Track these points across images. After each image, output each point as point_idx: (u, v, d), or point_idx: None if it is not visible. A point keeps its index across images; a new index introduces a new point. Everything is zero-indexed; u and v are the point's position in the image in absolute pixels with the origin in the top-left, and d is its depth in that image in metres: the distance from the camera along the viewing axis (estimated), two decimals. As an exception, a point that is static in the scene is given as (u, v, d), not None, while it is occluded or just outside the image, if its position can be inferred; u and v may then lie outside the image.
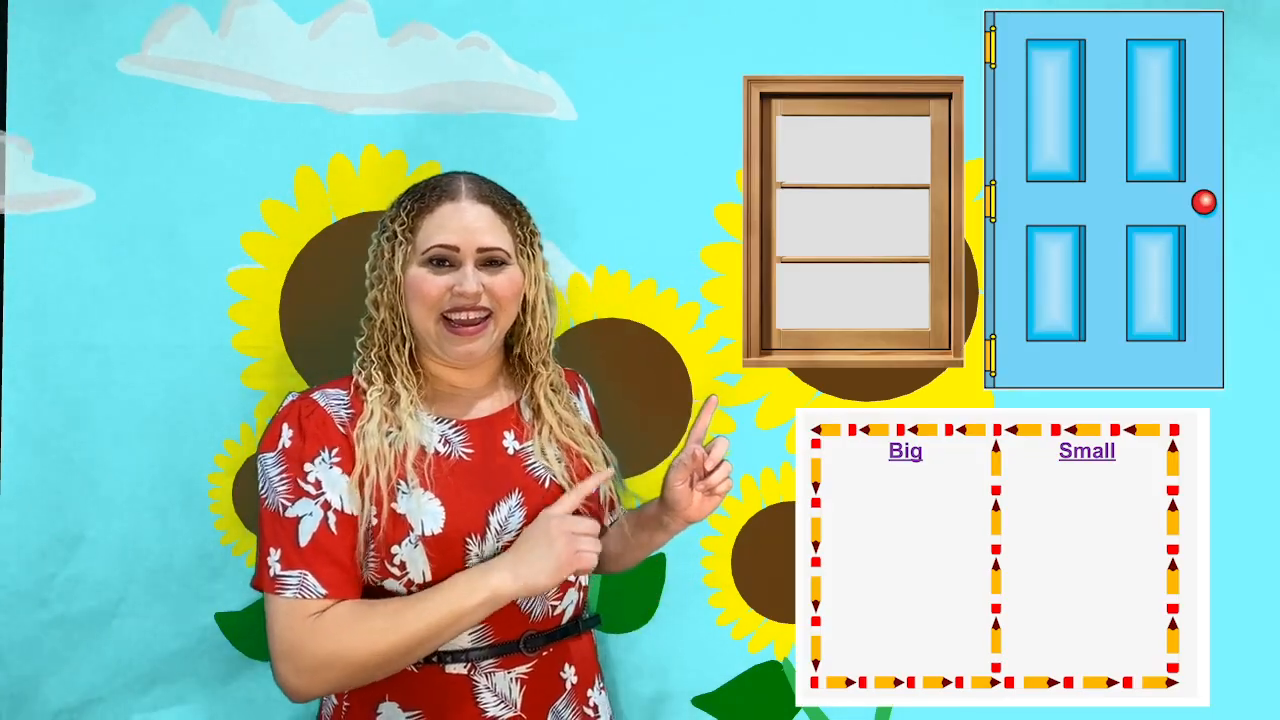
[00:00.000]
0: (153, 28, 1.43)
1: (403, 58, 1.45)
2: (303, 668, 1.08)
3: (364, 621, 1.09)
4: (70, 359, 1.42)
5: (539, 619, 1.21)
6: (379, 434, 1.15)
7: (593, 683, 1.29)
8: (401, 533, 1.13)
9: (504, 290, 1.19)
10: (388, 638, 1.08)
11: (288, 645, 1.09)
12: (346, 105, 1.45)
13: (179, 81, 1.43)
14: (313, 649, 1.08)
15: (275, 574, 1.10)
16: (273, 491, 1.13)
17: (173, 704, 1.45)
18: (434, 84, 1.46)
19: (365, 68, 1.45)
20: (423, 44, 1.45)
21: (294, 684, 1.09)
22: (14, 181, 1.41)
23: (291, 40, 1.44)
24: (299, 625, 1.09)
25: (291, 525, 1.11)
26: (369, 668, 1.09)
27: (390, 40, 1.45)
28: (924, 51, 1.50)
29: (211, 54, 1.43)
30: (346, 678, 1.10)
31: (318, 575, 1.10)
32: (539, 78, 1.47)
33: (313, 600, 1.09)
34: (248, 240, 1.44)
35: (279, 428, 1.15)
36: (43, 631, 1.42)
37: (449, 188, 1.20)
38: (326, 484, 1.13)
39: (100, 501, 1.42)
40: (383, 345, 1.21)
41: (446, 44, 1.46)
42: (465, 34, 1.46)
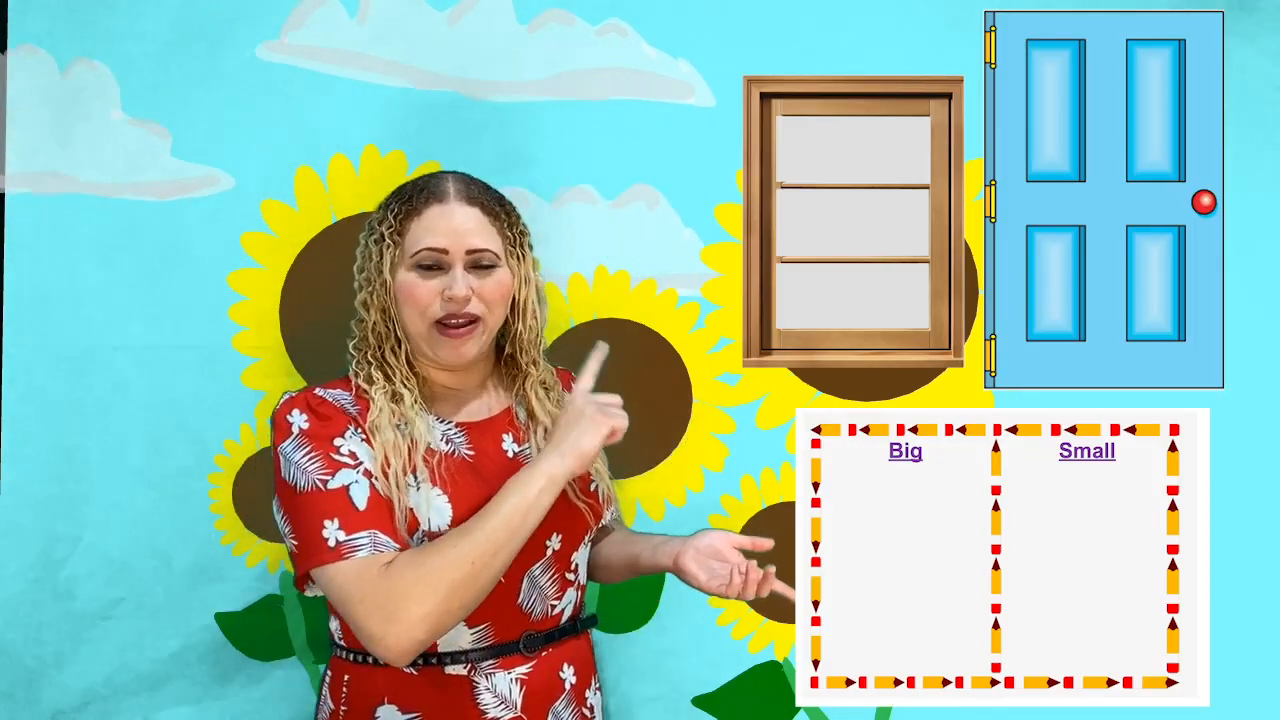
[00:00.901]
0: (292, 14, 1.44)
1: (540, 44, 1.46)
2: (393, 612, 1.03)
3: (437, 547, 1.07)
4: (70, 359, 1.42)
5: (538, 619, 1.21)
6: (391, 427, 1.14)
7: (590, 683, 1.29)
8: (411, 527, 1.13)
9: (493, 294, 1.19)
10: (467, 551, 1.06)
11: (371, 596, 1.04)
12: (485, 92, 1.46)
13: (317, 68, 1.44)
14: (398, 585, 1.04)
15: (339, 540, 1.07)
16: (304, 474, 1.10)
17: (172, 704, 1.45)
18: (571, 71, 1.47)
19: (503, 54, 1.46)
20: (560, 30, 1.47)
21: (392, 634, 1.04)
22: (150, 168, 1.43)
23: (430, 26, 1.45)
24: (376, 577, 1.05)
25: (340, 495, 1.09)
26: (456, 585, 1.05)
27: (529, 26, 1.46)
28: (924, 51, 1.50)
29: (350, 40, 1.44)
30: (438, 606, 1.04)
31: (386, 532, 1.09)
32: (677, 64, 1.48)
33: (386, 554, 1.07)
34: (247, 240, 1.44)
35: (286, 417, 1.14)
36: (42, 631, 1.42)
37: (437, 189, 1.19)
38: (362, 455, 1.12)
39: (100, 501, 1.42)
40: (377, 347, 1.21)
41: (585, 30, 1.47)
42: (603, 20, 1.47)
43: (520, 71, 1.47)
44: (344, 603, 1.07)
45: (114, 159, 1.43)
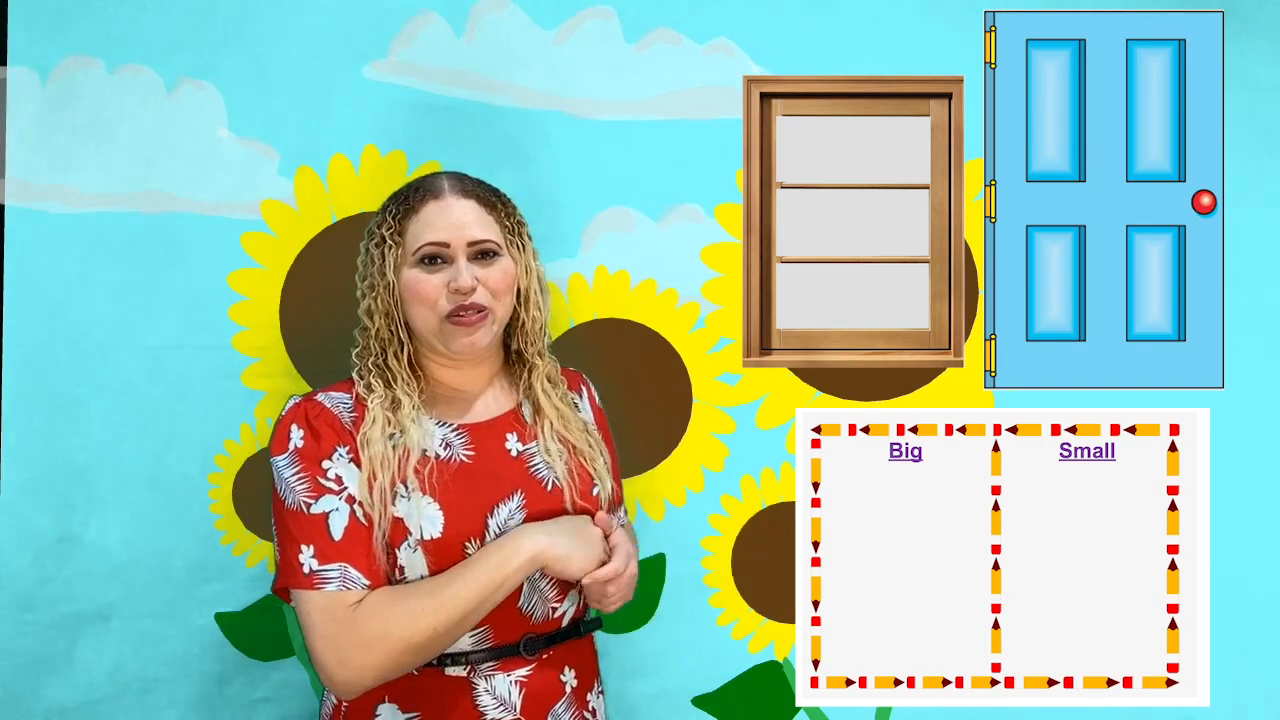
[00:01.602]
0: (400, 33, 1.43)
1: (647, 63, 1.46)
2: (349, 658, 1.07)
3: (406, 601, 1.09)
4: (70, 359, 1.42)
5: (539, 621, 1.21)
6: (383, 439, 1.15)
7: (592, 686, 1.29)
8: (400, 537, 1.13)
9: (498, 282, 1.20)
10: (431, 616, 1.09)
11: (332, 637, 1.08)
12: (592, 111, 1.46)
13: (423, 87, 1.44)
14: (359, 634, 1.07)
15: (312, 569, 1.10)
16: (291, 492, 1.13)
17: (172, 704, 1.45)
18: (677, 90, 1.47)
19: (610, 73, 1.46)
20: (668, 50, 1.47)
21: (341, 677, 1.08)
22: (262, 186, 1.43)
23: (536, 45, 1.45)
24: (341, 615, 1.08)
25: (320, 521, 1.11)
26: (414, 647, 1.09)
27: (636, 46, 1.46)
28: (924, 51, 1.50)
29: (456, 59, 1.44)
30: (392, 662, 1.08)
31: (357, 566, 1.10)
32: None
33: (355, 590, 1.09)
34: (248, 240, 1.44)
35: (286, 430, 1.16)
36: (42, 631, 1.42)
37: (432, 187, 1.21)
38: (347, 479, 1.13)
39: (100, 502, 1.42)
40: (380, 353, 1.21)
41: (692, 49, 1.47)
42: (710, 40, 1.47)
43: (626, 91, 1.46)
44: (306, 630, 1.10)
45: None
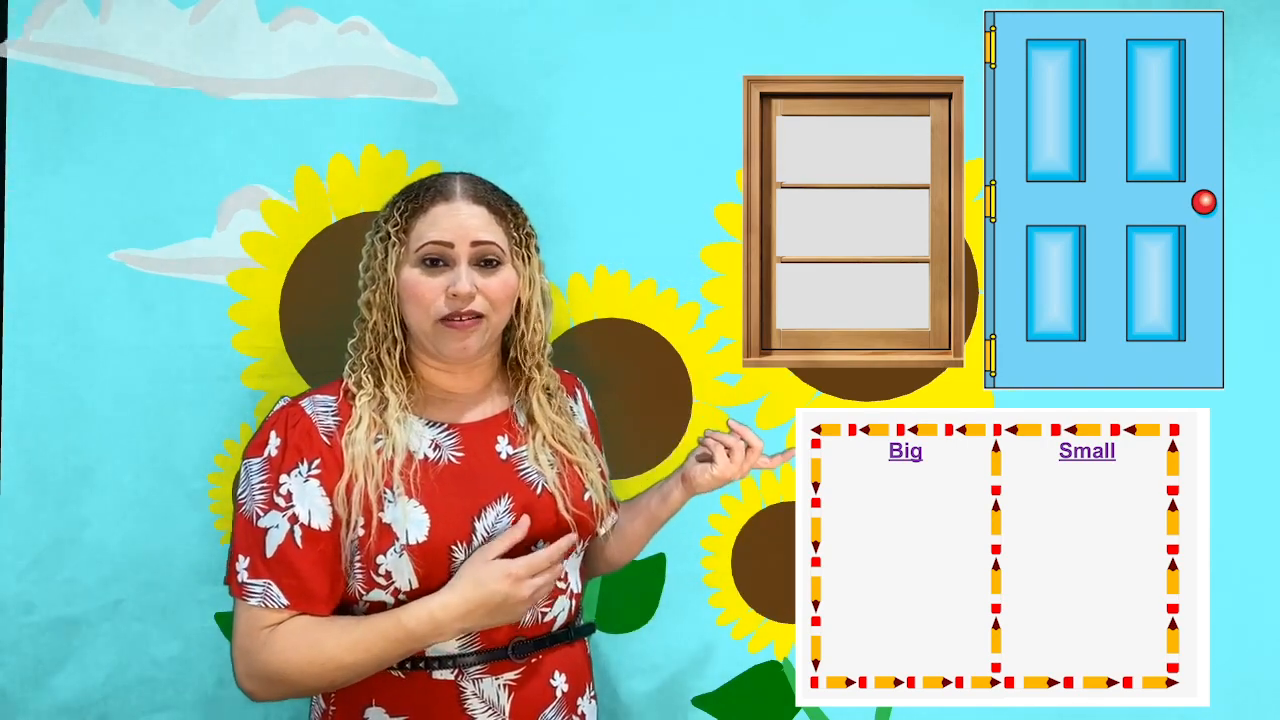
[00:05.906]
0: (34, 12, 1.43)
1: (283, 41, 1.46)
2: (254, 674, 1.12)
3: (312, 645, 1.10)
4: (70, 359, 1.42)
5: (528, 625, 1.19)
6: (367, 441, 1.14)
7: (584, 691, 1.27)
8: (387, 542, 1.12)
9: (498, 291, 1.18)
10: (331, 668, 1.10)
11: (243, 651, 1.12)
12: (227, 90, 1.46)
13: (61, 66, 1.44)
14: (264, 660, 1.10)
15: (243, 580, 1.12)
16: (251, 498, 1.13)
17: (172, 705, 1.45)
18: (315, 68, 1.46)
19: (246, 52, 1.46)
20: (303, 29, 1.47)
21: (246, 687, 1.13)
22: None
23: (172, 24, 1.45)
24: (256, 634, 1.11)
25: (260, 535, 1.12)
26: (314, 687, 1.12)
27: (271, 24, 1.46)
28: (924, 51, 1.50)
29: (90, 38, 1.44)
30: (293, 691, 1.13)
31: (281, 587, 1.11)
32: (421, 62, 1.47)
33: (274, 611, 1.11)
34: (248, 240, 1.44)
35: (267, 434, 1.15)
36: (42, 632, 1.42)
37: (444, 188, 1.19)
38: (298, 497, 1.12)
39: (99, 502, 1.42)
40: (374, 348, 1.20)
41: (327, 29, 1.46)
42: (345, 18, 1.47)
43: (263, 70, 1.45)
44: (233, 633, 1.14)
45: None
